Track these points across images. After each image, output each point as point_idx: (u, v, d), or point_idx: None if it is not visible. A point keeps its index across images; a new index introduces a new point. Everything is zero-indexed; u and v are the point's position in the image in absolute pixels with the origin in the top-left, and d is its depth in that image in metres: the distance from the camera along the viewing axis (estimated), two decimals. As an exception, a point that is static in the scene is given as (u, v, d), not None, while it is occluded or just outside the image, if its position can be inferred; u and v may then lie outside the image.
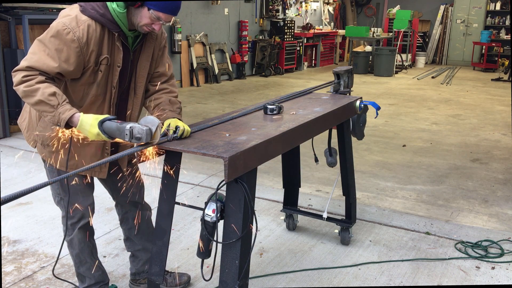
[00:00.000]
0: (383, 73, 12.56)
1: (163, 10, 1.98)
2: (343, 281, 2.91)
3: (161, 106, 2.26)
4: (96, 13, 1.99)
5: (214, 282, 2.37)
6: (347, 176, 3.24)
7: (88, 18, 1.97)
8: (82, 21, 1.96)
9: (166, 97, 2.30)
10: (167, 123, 2.15)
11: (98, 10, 1.99)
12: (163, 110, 2.24)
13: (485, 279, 2.95)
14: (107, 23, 2.00)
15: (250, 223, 2.03)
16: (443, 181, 4.71)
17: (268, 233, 3.52)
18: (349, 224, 3.30)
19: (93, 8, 1.99)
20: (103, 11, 1.99)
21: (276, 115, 2.57)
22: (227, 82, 10.98)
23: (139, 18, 2.02)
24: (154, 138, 1.88)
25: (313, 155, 3.50)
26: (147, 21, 2.02)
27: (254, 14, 12.28)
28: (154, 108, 2.28)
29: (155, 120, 1.89)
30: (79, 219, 2.36)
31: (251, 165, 2.01)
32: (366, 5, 17.17)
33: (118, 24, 2.03)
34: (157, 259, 2.27)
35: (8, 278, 2.85)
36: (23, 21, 5.81)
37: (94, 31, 1.98)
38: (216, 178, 4.50)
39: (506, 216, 3.88)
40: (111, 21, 2.01)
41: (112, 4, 1.99)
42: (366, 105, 3.18)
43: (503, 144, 6.09)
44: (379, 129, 6.71)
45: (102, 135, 1.88)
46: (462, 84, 11.41)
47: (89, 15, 1.98)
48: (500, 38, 14.66)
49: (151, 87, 2.33)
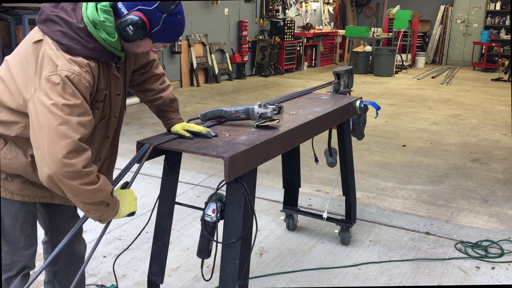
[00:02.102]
0: (383, 73, 12.56)
1: (170, 40, 1.79)
2: (343, 281, 2.91)
3: (163, 107, 2.17)
4: (86, 49, 1.64)
5: (214, 282, 2.37)
6: (347, 176, 3.24)
7: (83, 58, 1.63)
8: (82, 63, 1.62)
9: (166, 96, 2.18)
10: (175, 130, 2.12)
11: (87, 45, 1.64)
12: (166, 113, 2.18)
13: (485, 279, 2.95)
14: (102, 56, 1.70)
15: (250, 223, 2.03)
16: (443, 181, 4.71)
17: (268, 233, 3.52)
18: (349, 224, 3.30)
19: (79, 43, 1.63)
20: (93, 45, 1.66)
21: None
22: (227, 82, 10.98)
23: (136, 47, 1.78)
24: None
25: (313, 155, 3.50)
26: (147, 49, 1.81)
27: (254, 14, 12.28)
28: (158, 113, 2.19)
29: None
30: (19, 271, 1.93)
31: (251, 165, 2.01)
32: (366, 5, 17.16)
33: (113, 52, 1.74)
34: (157, 259, 2.27)
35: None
36: (23, 21, 5.82)
37: (95, 70, 1.68)
38: (216, 178, 4.50)
39: (506, 216, 3.88)
40: (105, 53, 1.71)
41: (100, 34, 1.66)
42: (366, 105, 3.18)
43: (503, 144, 6.09)
44: (379, 129, 6.71)
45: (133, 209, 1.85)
46: (462, 84, 11.41)
47: (81, 54, 1.63)
48: (500, 38, 14.66)
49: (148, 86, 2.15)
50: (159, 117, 2.22)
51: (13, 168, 1.78)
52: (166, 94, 2.18)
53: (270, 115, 2.24)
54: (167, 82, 2.21)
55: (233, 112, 2.28)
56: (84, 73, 1.62)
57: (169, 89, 2.20)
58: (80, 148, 1.58)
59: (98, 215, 1.72)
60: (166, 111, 2.18)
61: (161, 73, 2.18)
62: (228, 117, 2.32)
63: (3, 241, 1.86)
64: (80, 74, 1.60)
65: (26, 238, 1.92)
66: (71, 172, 1.56)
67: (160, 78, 2.17)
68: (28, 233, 1.93)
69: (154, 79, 2.16)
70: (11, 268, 1.91)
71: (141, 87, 2.15)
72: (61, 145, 1.54)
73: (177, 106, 2.23)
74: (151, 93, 2.15)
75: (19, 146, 1.76)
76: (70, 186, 1.59)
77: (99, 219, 1.75)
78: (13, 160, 1.76)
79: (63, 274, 2.18)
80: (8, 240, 1.88)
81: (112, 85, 1.82)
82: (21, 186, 1.83)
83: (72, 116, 1.56)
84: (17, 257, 1.91)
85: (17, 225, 1.87)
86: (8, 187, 1.82)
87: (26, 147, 1.75)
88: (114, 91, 1.84)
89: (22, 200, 1.85)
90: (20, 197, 1.84)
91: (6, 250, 1.88)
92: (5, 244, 1.87)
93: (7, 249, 1.89)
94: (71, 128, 1.55)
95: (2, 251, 1.87)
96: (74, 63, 1.60)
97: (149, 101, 2.18)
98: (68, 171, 1.55)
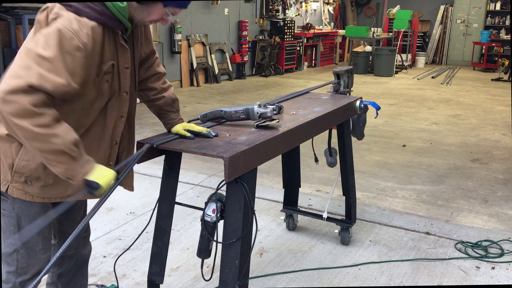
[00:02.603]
0: (383, 73, 12.56)
1: (181, 5, 1.75)
2: (343, 281, 2.91)
3: (164, 107, 2.16)
4: (93, 12, 1.62)
5: (214, 282, 2.37)
6: (347, 176, 3.24)
7: (88, 20, 1.61)
8: (84, 23, 1.59)
9: (168, 96, 2.17)
10: (176, 130, 2.11)
11: (95, 8, 1.63)
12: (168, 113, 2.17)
13: (485, 279, 2.95)
14: (109, 21, 1.67)
15: (250, 223, 2.03)
16: (443, 181, 4.71)
17: (268, 233, 3.52)
18: (349, 224, 3.30)
19: (87, 6, 1.62)
20: (101, 8, 1.64)
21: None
22: (227, 82, 10.98)
23: (146, 13, 1.73)
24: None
25: (313, 155, 3.50)
26: (157, 16, 1.75)
27: (254, 14, 12.28)
28: (159, 113, 2.17)
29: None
30: (34, 275, 1.87)
31: (251, 165, 2.01)
32: (366, 5, 17.17)
33: (120, 20, 1.70)
34: (157, 259, 2.27)
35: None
36: (23, 21, 5.83)
37: (98, 35, 1.64)
38: (216, 178, 4.50)
39: (506, 216, 3.88)
40: (112, 19, 1.67)
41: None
42: (366, 105, 3.18)
43: (503, 144, 6.09)
44: (379, 129, 6.71)
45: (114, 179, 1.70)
46: (462, 84, 11.41)
47: (87, 16, 1.61)
48: (500, 38, 14.66)
49: (150, 84, 2.13)
50: (159, 117, 2.21)
51: (31, 169, 1.75)
52: (168, 94, 2.16)
53: (270, 115, 2.24)
54: (168, 83, 2.21)
55: (233, 113, 2.28)
56: (83, 33, 1.58)
57: (170, 89, 2.19)
58: (29, 91, 1.48)
59: (63, 169, 1.60)
60: (168, 111, 2.17)
61: (163, 72, 2.17)
62: (228, 118, 2.32)
63: (20, 244, 1.82)
64: (75, 32, 1.56)
65: (43, 241, 1.89)
66: (16, 110, 1.47)
67: (162, 77, 2.16)
68: (46, 236, 1.90)
69: (156, 78, 2.14)
70: (26, 271, 1.87)
71: (144, 86, 2.13)
72: (8, 83, 1.48)
73: (178, 107, 2.22)
74: (153, 92, 2.13)
75: None
76: (21, 127, 1.50)
77: (66, 176, 1.62)
78: (31, 161, 1.73)
79: (67, 276, 2.17)
80: (26, 243, 1.83)
81: (120, 56, 1.77)
82: (40, 190, 1.79)
83: (39, 66, 1.51)
84: (33, 260, 1.87)
85: (35, 228, 1.83)
86: (28, 190, 1.78)
87: None
88: (123, 64, 1.79)
89: (42, 201, 1.82)
90: (40, 199, 1.81)
91: (23, 253, 1.84)
92: (22, 247, 1.83)
93: (24, 252, 1.84)
94: (28, 73, 1.49)
95: (19, 254, 1.83)
96: (76, 22, 1.58)
97: (151, 101, 2.15)
98: (10, 111, 1.47)
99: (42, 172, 1.76)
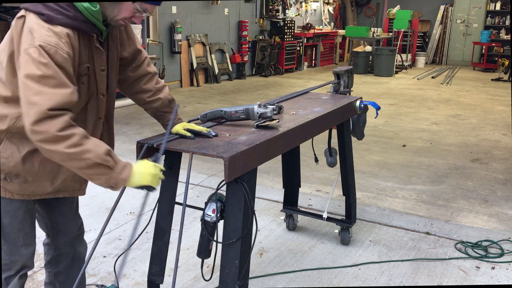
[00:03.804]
0: (383, 73, 12.56)
1: (151, 1, 1.73)
2: (343, 281, 2.91)
3: (161, 109, 2.14)
4: (66, 18, 1.62)
5: (214, 282, 2.37)
6: (347, 176, 3.24)
7: (62, 28, 1.61)
8: (59, 32, 1.60)
9: (164, 97, 2.14)
10: (176, 130, 2.10)
11: (67, 14, 1.62)
12: (166, 114, 2.15)
13: (485, 279, 2.95)
14: (83, 25, 1.67)
15: (250, 223, 2.03)
16: (443, 181, 4.71)
17: (268, 233, 3.52)
18: (349, 224, 3.30)
19: (60, 12, 1.61)
20: (73, 13, 1.64)
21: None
22: (227, 82, 10.98)
23: (116, 11, 1.71)
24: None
25: (313, 155, 3.50)
26: (127, 14, 1.73)
27: (254, 14, 12.28)
28: (157, 115, 2.16)
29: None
30: (18, 270, 1.91)
31: (251, 165, 2.01)
32: (366, 5, 17.16)
33: (93, 23, 1.70)
34: (157, 259, 2.27)
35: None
36: (23, 21, 5.81)
37: (74, 40, 1.65)
38: (216, 178, 4.50)
39: (506, 216, 3.88)
40: (86, 22, 1.67)
41: (82, 3, 1.65)
42: (366, 105, 3.18)
43: (503, 144, 6.09)
44: (379, 129, 6.71)
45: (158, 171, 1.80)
46: (462, 84, 11.41)
47: (60, 23, 1.61)
48: (500, 38, 14.66)
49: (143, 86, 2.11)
50: (157, 119, 2.18)
51: (10, 166, 1.77)
52: (164, 95, 2.13)
53: (270, 115, 2.24)
54: (162, 82, 2.17)
55: (233, 113, 2.28)
56: (63, 44, 1.60)
57: (165, 89, 2.15)
58: (51, 115, 1.54)
59: (103, 180, 1.66)
60: (165, 112, 2.14)
61: (154, 72, 2.13)
62: (228, 118, 2.32)
63: (2, 240, 1.85)
64: (56, 45, 1.57)
65: (25, 236, 1.91)
66: (46, 139, 1.55)
67: (154, 77, 2.12)
68: (27, 232, 1.91)
69: (148, 78, 2.10)
70: (10, 267, 1.90)
71: (137, 88, 2.09)
72: (29, 115, 1.55)
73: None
74: (148, 94, 2.10)
75: (14, 143, 1.76)
76: (54, 152, 1.58)
77: (109, 185, 1.69)
78: (10, 158, 1.76)
79: (64, 275, 2.17)
80: (7, 239, 1.86)
81: (95, 59, 1.78)
82: (20, 187, 1.82)
83: (46, 87, 1.55)
84: (16, 256, 1.90)
85: (15, 224, 1.86)
86: (7, 187, 1.81)
87: (21, 143, 1.75)
88: (98, 66, 1.81)
89: (21, 198, 1.85)
90: (20, 196, 1.84)
91: (5, 249, 1.87)
92: (4, 243, 1.85)
93: (6, 248, 1.87)
94: (42, 98, 1.54)
95: (1, 250, 1.85)
96: (52, 34, 1.59)
97: (147, 103, 2.12)
98: (41, 139, 1.55)
99: (21, 169, 1.78)
